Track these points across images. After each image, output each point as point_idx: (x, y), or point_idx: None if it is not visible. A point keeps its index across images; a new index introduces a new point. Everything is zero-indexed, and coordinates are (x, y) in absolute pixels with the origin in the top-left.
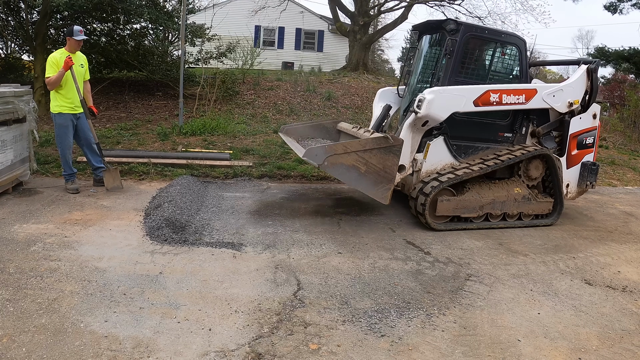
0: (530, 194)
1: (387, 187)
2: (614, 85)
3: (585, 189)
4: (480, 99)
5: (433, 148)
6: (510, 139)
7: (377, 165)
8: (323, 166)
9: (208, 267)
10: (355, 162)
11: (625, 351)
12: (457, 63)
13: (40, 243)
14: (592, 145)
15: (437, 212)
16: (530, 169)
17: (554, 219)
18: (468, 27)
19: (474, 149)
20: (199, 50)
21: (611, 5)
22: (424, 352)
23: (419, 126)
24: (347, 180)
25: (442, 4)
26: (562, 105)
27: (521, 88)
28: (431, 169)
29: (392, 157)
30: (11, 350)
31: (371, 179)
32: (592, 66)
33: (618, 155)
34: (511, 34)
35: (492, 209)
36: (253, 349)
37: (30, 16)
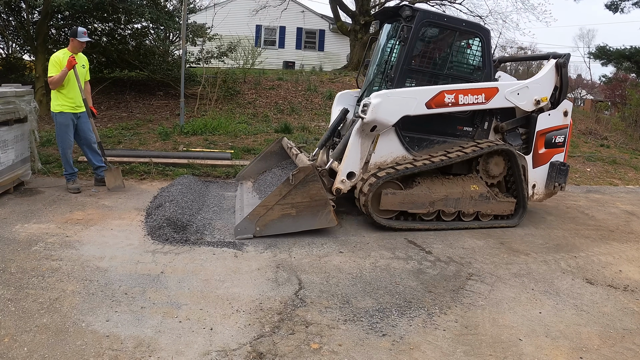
0: (489, 192)
1: (327, 211)
2: (615, 84)
3: (553, 190)
4: (433, 101)
5: (382, 139)
6: (471, 133)
7: (304, 201)
8: (257, 233)
9: (209, 266)
10: (283, 211)
11: (627, 350)
12: (411, 51)
13: (42, 243)
14: (562, 144)
15: (381, 206)
16: (489, 165)
17: (516, 221)
18: (424, 14)
19: (429, 142)
20: (200, 50)
21: (612, 4)
22: (426, 351)
23: (367, 131)
24: (288, 229)
25: (442, 3)
26: (527, 103)
27: (480, 87)
28: (380, 161)
29: (313, 185)
30: (13, 349)
31: (307, 214)
32: (561, 60)
33: (619, 154)
34: (473, 23)
35: (445, 206)
36: (254, 349)
37: (31, 16)
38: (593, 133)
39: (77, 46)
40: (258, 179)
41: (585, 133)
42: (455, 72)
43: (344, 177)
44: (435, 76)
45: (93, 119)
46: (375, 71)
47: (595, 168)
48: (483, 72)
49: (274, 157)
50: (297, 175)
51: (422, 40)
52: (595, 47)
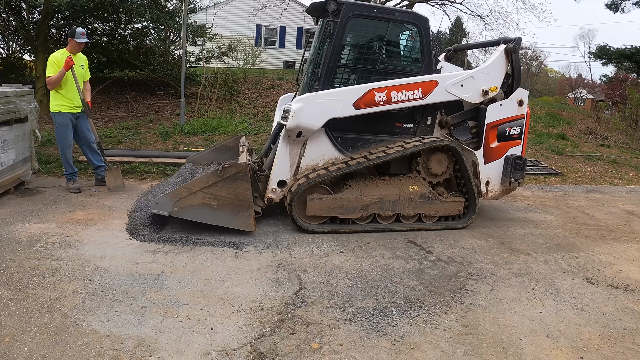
0: (432, 192)
1: (247, 214)
2: (616, 84)
3: (510, 186)
4: (362, 101)
5: (312, 141)
6: (412, 130)
7: (228, 197)
8: (174, 213)
9: (210, 266)
10: (204, 199)
11: (627, 350)
12: (337, 47)
13: (42, 242)
14: (518, 136)
15: (307, 212)
16: (431, 163)
17: (466, 221)
18: (350, 7)
19: (364, 142)
20: (200, 50)
21: (613, 3)
22: (426, 351)
23: (293, 138)
24: (203, 219)
25: (443, 3)
26: (474, 95)
27: (416, 82)
28: (311, 164)
29: (241, 184)
30: (13, 349)
31: (227, 211)
32: (510, 46)
33: (620, 154)
34: (408, 12)
35: (380, 209)
36: (255, 348)
37: (31, 16)
38: (593, 133)
39: (75, 46)
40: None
41: (585, 133)
42: (391, 66)
43: (275, 185)
44: (368, 72)
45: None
46: (309, 71)
47: (595, 168)
48: (422, 64)
49: (228, 152)
50: (229, 169)
51: (351, 34)
52: (596, 46)
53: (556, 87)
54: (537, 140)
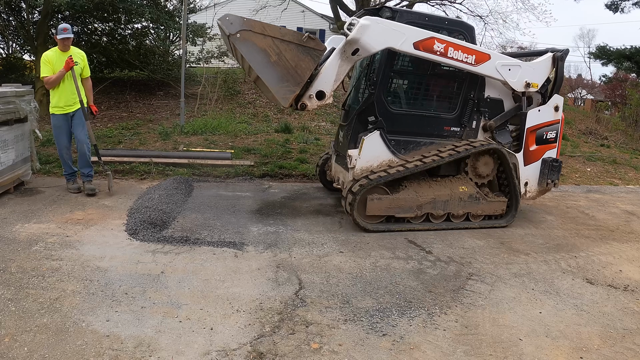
0: (479, 193)
1: (291, 89)
2: (616, 84)
3: (546, 187)
4: (422, 43)
5: (368, 144)
6: (459, 133)
7: (289, 61)
8: (234, 37)
9: (209, 266)
10: (269, 47)
11: (627, 350)
12: (392, 53)
13: (42, 243)
14: (554, 140)
15: (367, 211)
16: (478, 165)
17: (508, 220)
18: (405, 14)
19: (415, 145)
20: (200, 50)
21: (612, 4)
22: (426, 351)
23: (348, 54)
24: (253, 63)
25: (443, 3)
26: (517, 82)
27: (473, 47)
28: (367, 166)
29: (308, 60)
30: (13, 349)
31: (278, 72)
32: (559, 54)
33: (619, 154)
34: (456, 21)
35: (433, 209)
36: (255, 348)
37: (31, 16)
38: (593, 133)
39: (60, 44)
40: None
41: (585, 133)
42: (440, 70)
43: (313, 93)
44: (420, 76)
45: (92, 118)
46: (358, 74)
47: (595, 168)
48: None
49: None
50: (311, 41)
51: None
52: (596, 47)
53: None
54: None
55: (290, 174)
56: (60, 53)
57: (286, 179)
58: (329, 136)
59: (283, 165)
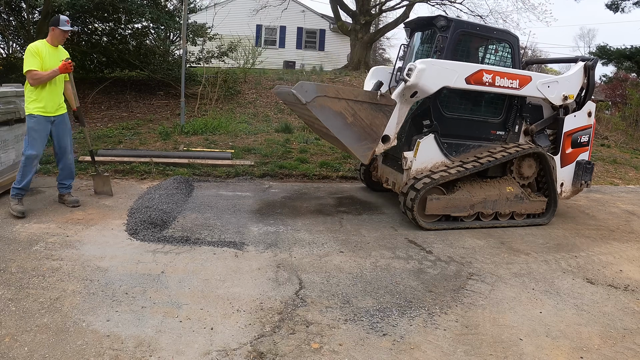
0: (523, 192)
1: (369, 147)
2: (616, 84)
3: (580, 187)
4: (472, 77)
5: (423, 146)
6: (503, 137)
7: (364, 120)
8: (310, 104)
9: (210, 266)
10: (344, 110)
11: (627, 350)
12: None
13: (42, 242)
14: (587, 143)
15: (426, 211)
16: (522, 167)
17: (548, 219)
18: (459, 24)
19: (465, 147)
20: (200, 50)
21: (613, 3)
22: (426, 351)
23: (407, 96)
24: (331, 127)
25: (443, 3)
26: (556, 97)
27: (515, 73)
28: (421, 167)
29: (381, 116)
30: (13, 349)
31: (355, 132)
32: (589, 63)
33: (620, 154)
34: (503, 30)
35: (484, 208)
36: (255, 348)
37: (31, 16)
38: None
39: (59, 37)
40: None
41: None
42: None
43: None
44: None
45: (82, 127)
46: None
47: (595, 168)
48: None
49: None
50: (382, 98)
51: (456, 49)
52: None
53: None
54: None
55: (290, 173)
56: (51, 48)
57: (286, 179)
58: None
59: (283, 165)
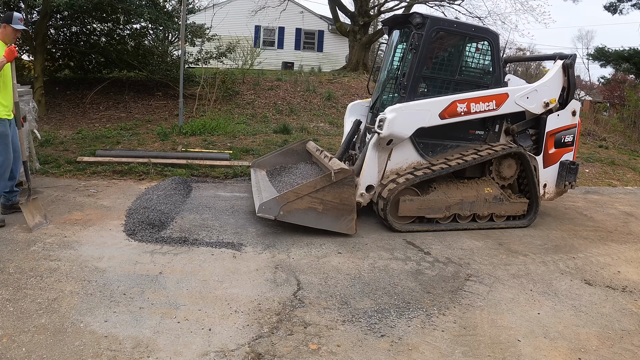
0: (503, 194)
1: (350, 218)
2: (614, 85)
3: (564, 189)
4: (446, 111)
5: (397, 147)
6: (483, 136)
7: (333, 201)
8: (279, 216)
9: (208, 267)
10: (310, 204)
11: (625, 351)
12: (423, 58)
13: (40, 243)
14: (571, 143)
15: (399, 212)
16: (502, 168)
17: (529, 221)
18: (434, 21)
19: (442, 147)
20: (199, 50)
21: (611, 5)
22: (424, 352)
23: (383, 145)
24: (308, 223)
25: (442, 4)
26: (537, 106)
27: (491, 94)
28: (396, 167)
29: (347, 189)
30: (11, 350)
31: (331, 215)
32: (567, 61)
33: (618, 155)
34: (483, 28)
35: (460, 209)
36: (253, 349)
37: (30, 16)
38: (592, 134)
39: (10, 35)
40: (273, 171)
41: (583, 134)
42: (466, 77)
43: (363, 190)
44: (447, 82)
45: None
46: (385, 78)
47: (593, 169)
48: (493, 76)
49: (294, 156)
50: (339, 174)
51: (432, 47)
52: (594, 48)
53: None
54: None
55: None
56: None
57: None
58: (327, 137)
59: None
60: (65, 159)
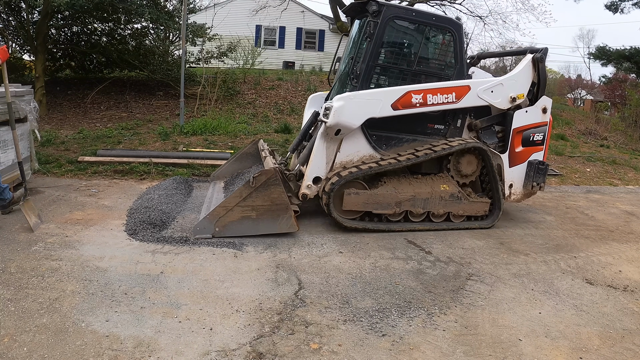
0: (461, 192)
1: (287, 216)
2: (615, 84)
3: (532, 190)
4: (399, 102)
5: (348, 138)
6: (443, 131)
7: (264, 204)
8: (216, 233)
9: (209, 266)
10: (243, 213)
11: (626, 350)
12: (377, 47)
13: (42, 243)
14: (541, 142)
15: (344, 206)
16: (461, 164)
17: (491, 222)
18: (391, 9)
19: (398, 141)
20: (199, 50)
21: (612, 4)
22: (425, 351)
23: (332, 135)
24: (248, 232)
25: (442, 3)
26: (502, 101)
27: (450, 86)
28: (346, 160)
29: (274, 189)
30: (12, 349)
31: (267, 218)
32: (537, 55)
33: (619, 154)
34: (445, 17)
35: (412, 206)
36: (254, 349)
37: (31, 16)
38: (593, 133)
39: None
40: (231, 180)
41: (585, 133)
42: (426, 68)
43: (310, 182)
44: (404, 73)
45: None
46: (344, 69)
47: (595, 168)
48: (455, 69)
49: (249, 159)
50: (259, 178)
51: (389, 36)
52: (595, 47)
53: (555, 87)
54: None
55: None
56: None
57: None
58: None
59: None
60: (67, 159)
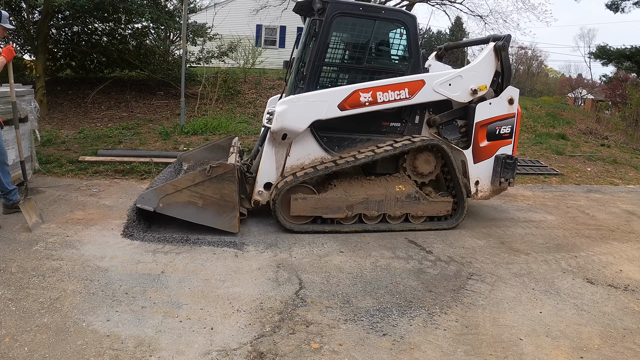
0: (419, 192)
1: (232, 215)
2: (616, 84)
3: (501, 186)
4: (347, 102)
5: (297, 141)
6: (399, 129)
7: (213, 196)
8: (158, 209)
9: (210, 266)
10: (190, 197)
11: (627, 350)
12: (323, 46)
13: (42, 242)
14: (509, 135)
15: (291, 212)
16: (417, 163)
17: (454, 222)
18: (336, 5)
19: (350, 141)
20: (200, 50)
21: (613, 3)
22: (426, 351)
23: (279, 140)
24: (188, 217)
25: (443, 3)
26: (462, 94)
27: (402, 81)
28: (297, 164)
29: (228, 185)
30: (13, 349)
31: (212, 210)
32: (499, 43)
33: (620, 154)
34: (395, 10)
35: (366, 209)
36: (255, 348)
37: (31, 16)
38: (593, 133)
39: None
40: (194, 166)
41: (585, 133)
42: (377, 64)
43: (261, 188)
44: (355, 70)
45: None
46: (295, 69)
47: (595, 168)
48: (410, 63)
49: (220, 151)
50: (216, 169)
51: (336, 33)
52: (596, 46)
53: (556, 87)
54: (537, 140)
55: None
56: None
57: None
58: None
59: None
60: (67, 159)
